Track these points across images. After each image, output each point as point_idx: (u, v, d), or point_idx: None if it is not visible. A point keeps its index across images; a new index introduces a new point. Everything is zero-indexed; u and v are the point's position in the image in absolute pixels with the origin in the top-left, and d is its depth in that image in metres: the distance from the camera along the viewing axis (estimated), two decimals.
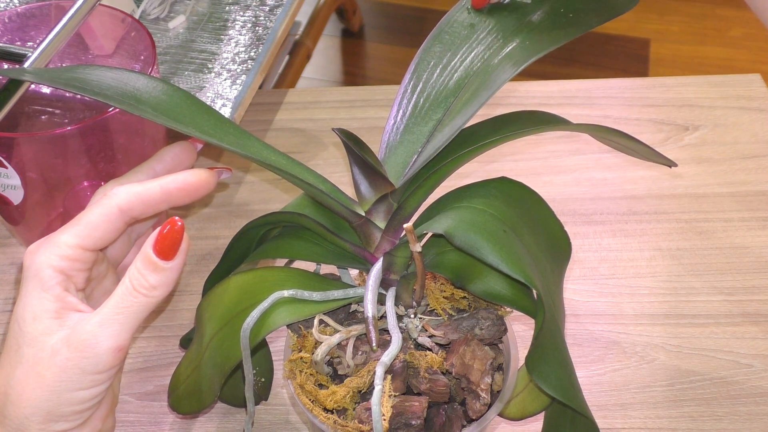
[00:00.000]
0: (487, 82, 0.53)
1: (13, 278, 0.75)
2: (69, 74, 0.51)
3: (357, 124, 0.88)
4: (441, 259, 0.53)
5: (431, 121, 0.54)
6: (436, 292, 0.54)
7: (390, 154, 0.55)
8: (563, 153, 0.85)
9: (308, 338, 0.53)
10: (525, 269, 0.47)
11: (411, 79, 0.56)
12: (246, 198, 0.82)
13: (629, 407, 0.65)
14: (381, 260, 0.52)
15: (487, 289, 0.50)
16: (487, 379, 0.51)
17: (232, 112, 0.79)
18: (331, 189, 0.54)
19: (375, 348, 0.50)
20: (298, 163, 0.54)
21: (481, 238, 0.47)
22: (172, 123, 0.50)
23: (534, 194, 0.53)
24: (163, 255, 0.49)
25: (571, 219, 0.79)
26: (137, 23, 0.70)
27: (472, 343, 0.51)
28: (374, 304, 0.50)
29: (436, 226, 0.49)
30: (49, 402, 0.48)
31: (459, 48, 0.55)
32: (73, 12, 0.65)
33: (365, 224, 0.53)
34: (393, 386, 0.49)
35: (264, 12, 0.87)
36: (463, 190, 0.54)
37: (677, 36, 2.15)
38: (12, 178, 0.64)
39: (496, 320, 0.53)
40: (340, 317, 0.54)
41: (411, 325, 0.53)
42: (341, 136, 0.49)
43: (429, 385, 0.50)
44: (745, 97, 0.90)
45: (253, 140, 0.53)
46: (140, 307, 0.49)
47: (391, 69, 2.10)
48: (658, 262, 0.75)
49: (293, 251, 0.55)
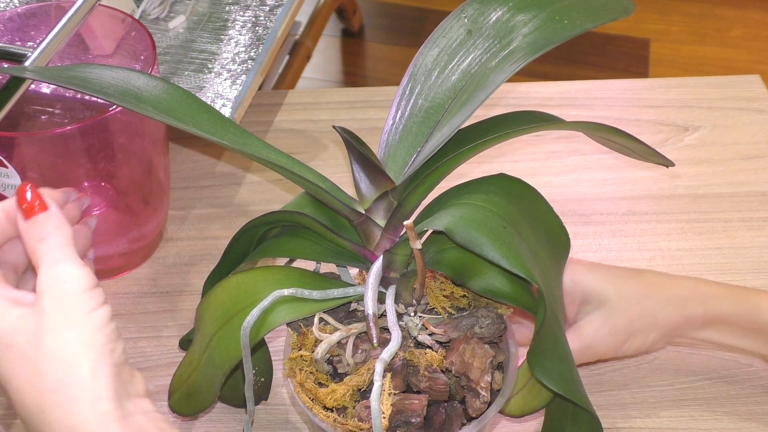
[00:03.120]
0: (485, 83, 0.53)
1: None
2: (70, 73, 0.51)
3: (357, 125, 0.88)
4: (441, 257, 0.53)
5: (430, 122, 0.55)
6: (436, 291, 0.54)
7: (389, 154, 0.55)
8: (563, 153, 0.85)
9: (308, 336, 0.53)
10: (526, 265, 0.47)
11: (409, 81, 0.56)
12: (246, 198, 0.82)
13: (629, 407, 0.65)
14: (381, 258, 0.52)
15: (486, 286, 0.50)
16: (487, 377, 0.51)
17: (232, 112, 0.79)
18: (331, 187, 0.54)
19: (375, 345, 0.50)
20: (298, 161, 0.54)
21: (482, 235, 0.47)
22: (173, 121, 0.50)
23: (532, 190, 0.53)
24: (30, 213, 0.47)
25: (571, 219, 0.79)
26: (137, 23, 0.70)
27: (472, 342, 0.52)
28: (374, 302, 0.50)
29: (436, 222, 0.49)
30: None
31: (456, 52, 0.56)
32: (73, 12, 0.65)
33: (365, 222, 0.53)
34: (393, 384, 0.49)
35: (264, 12, 0.87)
36: (462, 187, 0.54)
37: (677, 36, 2.15)
38: (12, 178, 0.64)
39: (496, 319, 0.53)
40: (340, 316, 0.54)
41: (411, 323, 0.53)
42: (342, 134, 0.49)
43: (429, 383, 0.50)
44: (745, 98, 0.90)
45: (253, 139, 0.54)
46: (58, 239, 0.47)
47: (391, 69, 2.10)
48: (658, 262, 0.75)
49: (293, 250, 0.55)
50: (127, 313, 0.72)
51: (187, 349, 0.57)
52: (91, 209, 0.73)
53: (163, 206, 0.75)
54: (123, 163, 0.69)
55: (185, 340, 0.63)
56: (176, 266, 0.76)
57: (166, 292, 0.74)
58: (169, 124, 0.50)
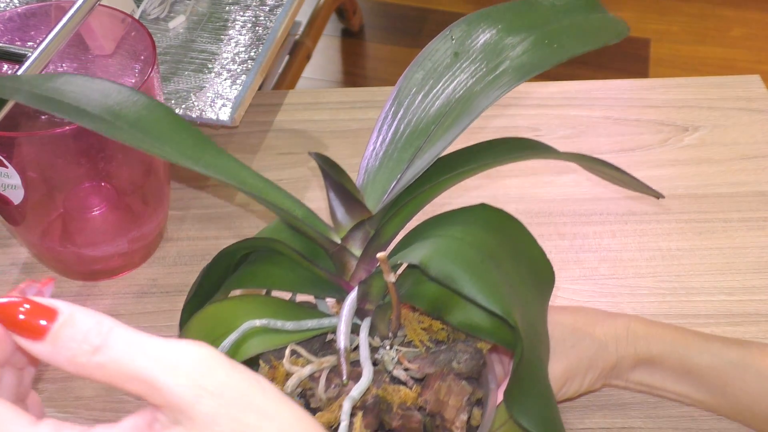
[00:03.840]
0: (469, 108, 0.51)
1: (13, 278, 0.75)
2: (49, 84, 0.49)
3: (357, 125, 0.88)
4: (417, 290, 0.50)
5: (411, 148, 0.52)
6: (414, 323, 0.52)
7: (369, 180, 0.53)
8: None
9: (279, 369, 0.51)
10: (503, 301, 0.45)
11: (392, 106, 0.54)
12: (246, 198, 0.82)
13: (629, 407, 0.65)
14: (356, 290, 0.50)
15: (464, 320, 0.48)
16: (463, 416, 0.48)
17: (232, 112, 0.79)
18: (306, 215, 0.52)
19: (345, 381, 0.48)
20: (275, 186, 0.52)
21: (458, 268, 0.45)
22: (147, 144, 0.47)
23: (515, 221, 0.52)
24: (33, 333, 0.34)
25: (571, 219, 0.79)
26: (137, 23, 0.70)
27: (448, 378, 0.49)
28: (347, 336, 0.48)
29: (411, 255, 0.47)
30: None
31: (442, 75, 0.54)
32: (73, 12, 0.65)
33: (341, 252, 0.51)
34: (365, 422, 0.47)
35: (264, 12, 0.87)
36: (442, 217, 0.52)
37: (677, 36, 2.15)
38: (12, 178, 0.64)
39: (475, 354, 0.50)
40: (315, 347, 0.52)
41: (386, 357, 0.50)
42: (318, 161, 0.47)
43: (402, 421, 0.48)
44: (745, 98, 0.90)
45: (231, 161, 0.51)
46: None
47: (391, 69, 2.10)
48: (658, 262, 0.75)
49: (268, 280, 0.53)
50: (126, 313, 0.72)
51: None
52: (91, 209, 0.73)
53: (163, 206, 0.75)
54: (123, 163, 0.69)
55: None
56: (176, 266, 0.76)
57: (166, 292, 0.74)
58: (141, 149, 0.47)
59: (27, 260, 0.76)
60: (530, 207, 0.80)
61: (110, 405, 0.66)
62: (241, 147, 0.86)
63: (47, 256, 0.73)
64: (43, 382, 0.67)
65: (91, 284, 0.74)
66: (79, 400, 0.66)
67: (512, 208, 0.79)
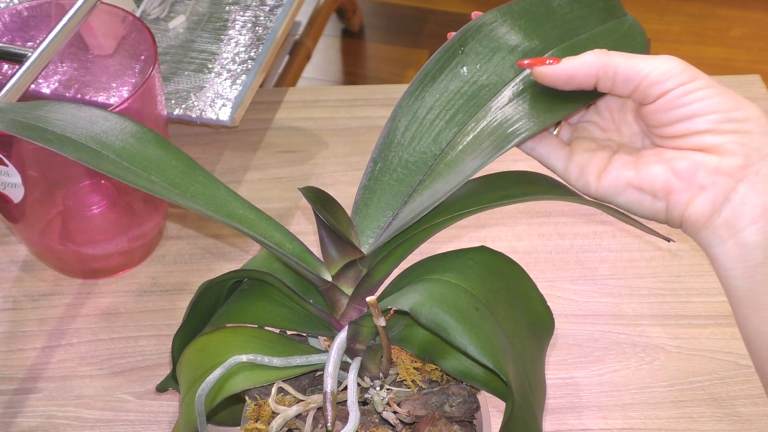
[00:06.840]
0: (476, 150, 0.48)
1: (12, 276, 0.75)
2: (35, 112, 0.47)
3: (357, 123, 0.88)
4: (408, 333, 0.49)
5: (410, 180, 0.50)
6: (406, 362, 0.50)
7: (363, 212, 0.51)
8: None
9: (264, 408, 0.49)
10: (495, 354, 0.43)
11: (390, 130, 0.51)
12: (246, 197, 0.81)
13: (629, 407, 0.65)
14: (345, 330, 0.48)
15: (457, 366, 0.47)
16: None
17: (232, 112, 0.79)
18: (297, 251, 0.50)
19: (330, 428, 0.46)
20: (265, 217, 0.50)
21: (450, 317, 0.43)
22: (132, 175, 0.46)
23: (515, 266, 0.50)
24: None
25: (571, 219, 0.79)
26: (138, 22, 0.70)
27: (439, 423, 0.48)
28: (334, 379, 0.47)
29: (401, 300, 0.46)
30: None
31: (451, 101, 0.50)
32: (74, 11, 0.65)
33: (331, 290, 0.49)
34: None
35: (264, 12, 0.87)
36: (437, 259, 0.50)
37: (677, 36, 2.15)
38: (12, 176, 0.64)
39: (468, 397, 0.49)
40: (304, 384, 0.51)
41: (377, 398, 0.49)
42: (308, 198, 0.45)
43: None
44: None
45: (221, 190, 0.50)
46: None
47: (391, 69, 2.10)
48: (658, 262, 0.75)
49: (257, 315, 0.51)
50: (126, 312, 0.72)
51: (162, 392, 0.56)
52: (91, 207, 0.73)
53: (163, 205, 0.75)
54: None
55: (161, 386, 0.59)
56: (176, 265, 0.76)
57: (166, 290, 0.74)
58: (127, 182, 0.46)
59: (26, 258, 0.76)
60: (530, 207, 0.80)
61: (110, 404, 0.66)
62: (240, 145, 0.86)
63: (47, 254, 0.73)
64: (42, 380, 0.67)
65: (90, 282, 0.74)
66: (79, 398, 0.66)
67: (512, 208, 0.79)
